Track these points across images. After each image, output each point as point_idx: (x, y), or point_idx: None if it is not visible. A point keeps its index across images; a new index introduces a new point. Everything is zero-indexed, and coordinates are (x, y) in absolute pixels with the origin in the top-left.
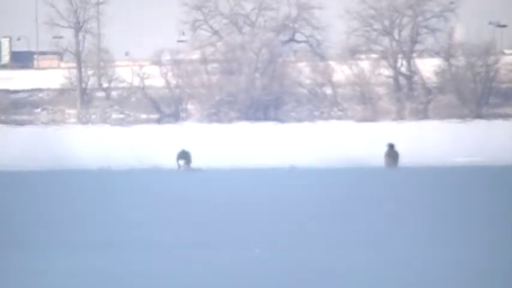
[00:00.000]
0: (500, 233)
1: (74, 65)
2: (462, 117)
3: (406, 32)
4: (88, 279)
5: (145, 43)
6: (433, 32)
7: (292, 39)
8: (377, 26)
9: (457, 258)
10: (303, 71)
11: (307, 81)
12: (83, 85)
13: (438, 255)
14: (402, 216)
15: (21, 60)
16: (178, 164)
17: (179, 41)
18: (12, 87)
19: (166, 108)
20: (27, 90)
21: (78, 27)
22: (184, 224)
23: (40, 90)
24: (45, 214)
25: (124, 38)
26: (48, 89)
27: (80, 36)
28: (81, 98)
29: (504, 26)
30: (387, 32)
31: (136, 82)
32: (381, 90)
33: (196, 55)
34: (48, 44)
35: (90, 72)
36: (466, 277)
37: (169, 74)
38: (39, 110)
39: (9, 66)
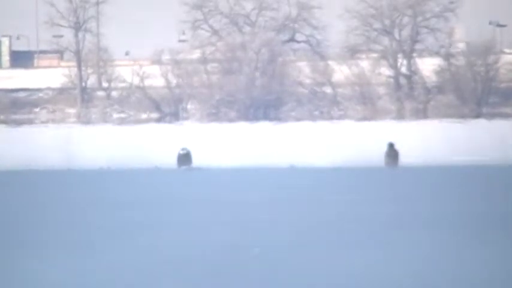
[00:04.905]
0: (501, 232)
1: (74, 64)
2: (462, 116)
3: (406, 32)
4: (88, 279)
5: (145, 43)
6: (433, 32)
7: (292, 39)
8: (377, 25)
9: (457, 257)
10: (303, 70)
11: (307, 81)
12: (83, 84)
13: (438, 255)
14: (402, 215)
15: (21, 59)
16: (179, 164)
17: (179, 41)
18: (12, 87)
19: (166, 107)
20: (27, 90)
21: (78, 26)
22: (184, 223)
23: (40, 89)
24: (45, 214)
25: (124, 37)
26: (48, 88)
27: (80, 36)
28: (81, 97)
29: (504, 25)
30: (387, 32)
31: (137, 82)
32: (381, 90)
33: (196, 55)
34: (48, 43)
35: (90, 71)
36: (466, 277)
37: (170, 73)
38: (38, 109)
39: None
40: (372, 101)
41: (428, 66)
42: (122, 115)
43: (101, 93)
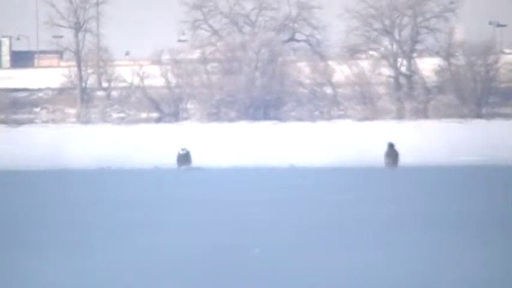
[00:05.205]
0: (501, 232)
1: (74, 63)
2: (462, 116)
3: (406, 32)
4: (88, 279)
5: (145, 43)
6: (433, 32)
7: (292, 39)
8: (377, 25)
9: (457, 257)
10: (303, 70)
11: (307, 81)
12: (83, 84)
13: (438, 255)
14: (402, 215)
15: (21, 59)
16: (178, 164)
17: (179, 41)
18: (12, 87)
19: (166, 107)
20: (27, 90)
21: (78, 26)
22: (184, 223)
23: (40, 89)
24: (45, 214)
25: (124, 37)
26: (48, 88)
27: (80, 36)
28: (81, 97)
29: (504, 25)
30: (387, 32)
31: (137, 81)
32: (381, 90)
33: (196, 55)
34: (48, 43)
35: (90, 71)
36: (466, 277)
37: (170, 73)
38: (39, 109)
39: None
40: (372, 101)
41: (428, 66)
42: (122, 115)
43: (100, 93)
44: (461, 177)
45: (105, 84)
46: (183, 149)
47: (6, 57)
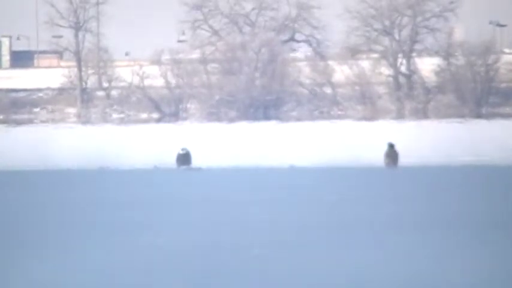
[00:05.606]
0: (501, 232)
1: (74, 64)
2: (462, 116)
3: (406, 32)
4: (88, 279)
5: (145, 43)
6: (432, 32)
7: (292, 39)
8: (377, 25)
9: (457, 257)
10: (303, 70)
11: (307, 81)
12: (83, 84)
13: (438, 255)
14: (402, 216)
15: (21, 59)
16: (178, 164)
17: (179, 41)
18: (12, 87)
19: (166, 107)
20: (27, 90)
21: (78, 26)
22: (183, 223)
23: (40, 89)
24: (45, 214)
25: (124, 38)
26: (48, 88)
27: (80, 36)
28: (81, 97)
29: (504, 25)
30: (387, 32)
31: (136, 82)
32: (381, 90)
33: (196, 55)
34: (48, 43)
35: (90, 71)
36: (466, 277)
37: (169, 73)
38: (38, 109)
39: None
40: (372, 100)
41: (428, 66)
42: (122, 115)
43: (100, 93)
44: (461, 177)
45: (105, 84)
46: (183, 149)
47: (6, 57)
